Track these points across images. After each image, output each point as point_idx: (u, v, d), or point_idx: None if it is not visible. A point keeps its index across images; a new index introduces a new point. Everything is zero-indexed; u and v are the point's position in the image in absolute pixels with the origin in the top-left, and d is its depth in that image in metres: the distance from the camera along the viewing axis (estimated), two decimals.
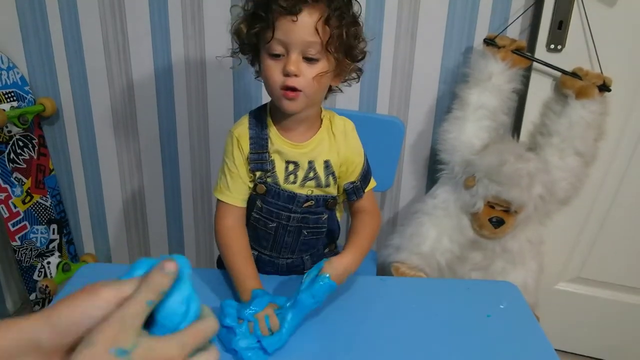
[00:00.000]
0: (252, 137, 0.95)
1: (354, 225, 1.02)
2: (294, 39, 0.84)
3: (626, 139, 1.49)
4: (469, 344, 0.84)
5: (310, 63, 0.86)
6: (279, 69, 0.86)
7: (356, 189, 1.01)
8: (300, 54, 0.85)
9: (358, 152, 1.01)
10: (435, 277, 1.50)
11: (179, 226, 1.88)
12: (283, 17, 0.83)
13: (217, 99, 1.68)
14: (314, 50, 0.85)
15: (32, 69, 1.68)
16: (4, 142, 1.62)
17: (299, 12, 0.82)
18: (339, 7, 0.85)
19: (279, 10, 0.82)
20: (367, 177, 1.03)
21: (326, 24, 0.84)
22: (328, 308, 0.91)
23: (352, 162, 0.99)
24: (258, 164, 0.96)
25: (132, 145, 1.77)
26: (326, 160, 0.97)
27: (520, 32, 1.52)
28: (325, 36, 0.84)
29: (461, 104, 1.49)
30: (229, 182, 0.97)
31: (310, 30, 0.83)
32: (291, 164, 0.96)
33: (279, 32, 0.83)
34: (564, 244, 1.63)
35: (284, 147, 0.95)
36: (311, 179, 0.97)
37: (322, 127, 0.97)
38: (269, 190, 0.97)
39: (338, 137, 0.97)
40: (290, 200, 0.97)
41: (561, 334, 1.70)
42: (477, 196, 1.43)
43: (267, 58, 0.87)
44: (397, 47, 1.58)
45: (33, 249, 1.71)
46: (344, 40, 0.87)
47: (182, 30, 1.60)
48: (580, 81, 1.41)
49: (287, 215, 0.99)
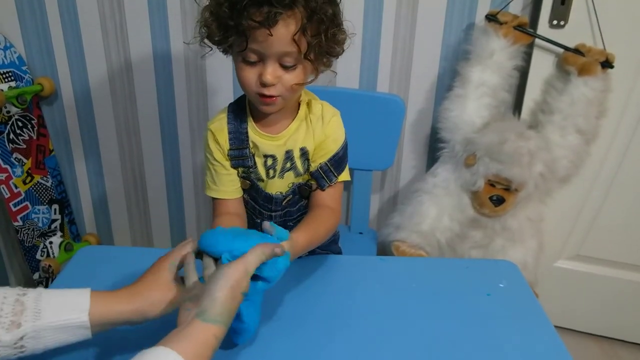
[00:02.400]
0: (230, 132, 0.92)
1: (312, 215, 0.92)
2: (269, 50, 0.78)
3: (628, 116, 1.48)
4: (468, 323, 0.85)
5: (288, 70, 0.81)
6: (255, 74, 0.81)
7: (325, 172, 0.93)
8: (276, 62, 0.80)
9: (333, 138, 0.93)
10: (436, 255, 1.51)
11: (179, 204, 1.89)
12: (256, 29, 0.76)
13: (216, 75, 1.66)
14: (291, 58, 0.80)
15: (29, 49, 1.67)
16: (3, 122, 1.61)
17: (274, 26, 0.75)
18: (316, 11, 0.78)
19: (252, 24, 0.75)
20: (340, 164, 0.94)
21: (303, 34, 0.77)
22: (327, 288, 0.91)
23: (325, 146, 0.92)
24: (239, 160, 0.93)
25: (131, 124, 1.76)
26: (302, 148, 0.92)
27: (523, 8, 1.50)
28: (303, 45, 0.79)
29: (462, 81, 1.47)
30: (214, 176, 0.94)
31: (286, 41, 0.77)
32: (269, 158, 0.92)
33: (252, 44, 0.77)
34: (564, 222, 1.63)
35: (260, 141, 0.91)
36: (289, 169, 0.93)
37: (297, 115, 0.92)
38: (252, 186, 0.95)
39: (314, 123, 0.92)
40: (268, 201, 0.96)
41: (561, 311, 1.71)
42: (477, 174, 1.43)
43: (240, 62, 0.82)
44: (398, 23, 1.56)
45: (35, 229, 1.72)
46: (323, 45, 0.81)
47: (179, 6, 1.58)
48: (583, 58, 1.39)
49: (269, 215, 0.98)
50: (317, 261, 1.01)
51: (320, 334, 0.82)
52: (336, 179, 0.94)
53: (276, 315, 0.86)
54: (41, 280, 1.73)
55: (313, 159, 0.94)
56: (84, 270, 0.97)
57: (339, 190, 0.96)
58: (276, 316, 0.85)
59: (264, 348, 0.79)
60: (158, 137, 1.77)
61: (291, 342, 0.80)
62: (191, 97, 1.70)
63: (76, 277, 0.95)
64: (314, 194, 0.95)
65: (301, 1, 0.76)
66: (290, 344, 0.80)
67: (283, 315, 0.85)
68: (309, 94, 0.95)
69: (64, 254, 1.79)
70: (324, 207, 0.94)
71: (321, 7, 0.78)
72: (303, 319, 0.85)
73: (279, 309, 0.87)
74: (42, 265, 1.71)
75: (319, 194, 0.95)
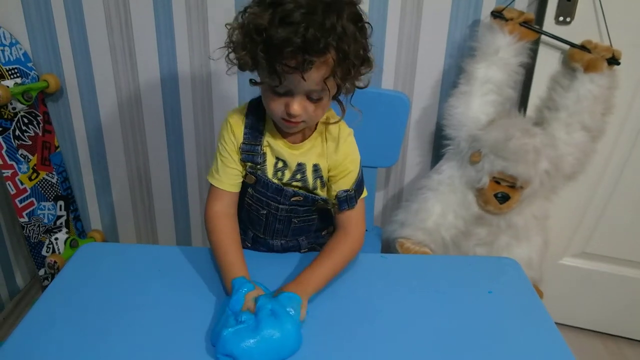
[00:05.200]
0: (247, 127, 0.94)
1: (333, 242, 0.97)
2: (299, 89, 0.82)
3: (634, 113, 1.47)
4: (470, 321, 0.85)
5: (314, 102, 0.84)
6: (282, 104, 0.84)
7: (349, 198, 0.96)
8: (304, 95, 0.83)
9: (351, 159, 0.96)
10: (440, 252, 1.51)
11: (184, 201, 1.89)
12: (290, 73, 0.78)
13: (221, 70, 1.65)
14: (319, 94, 0.83)
15: (34, 45, 1.67)
16: (9, 119, 1.62)
17: (307, 71, 0.77)
18: (347, 55, 0.79)
19: (286, 69, 0.78)
20: (361, 187, 0.99)
21: (333, 77, 0.81)
22: (330, 285, 0.91)
23: (344, 168, 0.95)
24: (250, 155, 0.95)
25: (136, 120, 1.76)
26: (315, 164, 0.95)
27: (529, 5, 1.49)
28: (332, 86, 0.83)
29: (467, 78, 1.47)
30: (220, 167, 0.96)
31: (317, 82, 0.80)
32: (280, 161, 0.95)
33: (284, 81, 0.80)
34: (569, 219, 1.63)
35: (275, 143, 0.94)
36: (298, 180, 0.96)
37: (315, 131, 0.95)
38: (258, 181, 0.97)
39: (329, 143, 0.95)
40: (278, 192, 0.97)
41: (566, 308, 1.71)
42: (482, 172, 1.43)
43: (269, 92, 0.85)
44: (403, 20, 1.55)
45: (41, 225, 1.72)
46: (349, 82, 0.85)
47: (184, 2, 1.58)
48: (589, 54, 1.38)
49: (275, 206, 0.98)
50: None
51: (323, 331, 0.82)
52: (356, 203, 0.97)
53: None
54: (47, 277, 1.74)
55: (332, 179, 0.97)
56: (85, 268, 0.97)
57: (361, 209, 0.99)
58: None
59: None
60: (163, 133, 1.78)
61: None
62: (196, 92, 1.70)
63: (78, 274, 0.95)
64: (337, 212, 0.98)
65: (333, 44, 0.77)
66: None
67: None
68: (328, 112, 0.96)
69: (69, 250, 1.79)
70: (343, 230, 0.98)
71: (352, 49, 0.80)
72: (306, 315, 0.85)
73: None
74: (47, 261, 1.72)
75: (344, 216, 0.98)
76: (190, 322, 0.83)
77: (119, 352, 0.77)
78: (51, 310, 0.86)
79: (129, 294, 0.89)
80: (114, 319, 0.83)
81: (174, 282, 0.93)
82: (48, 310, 0.86)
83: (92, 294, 0.89)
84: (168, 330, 0.81)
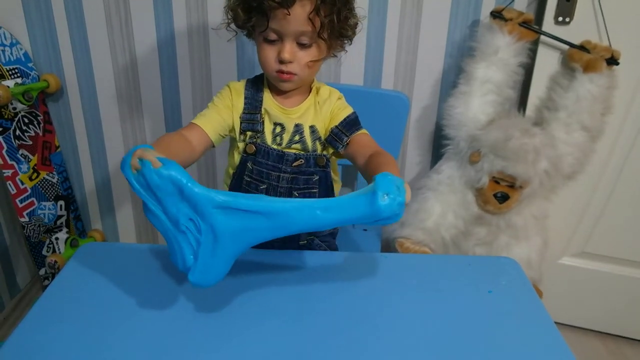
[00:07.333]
0: (247, 98, 1.00)
1: (374, 156, 0.91)
2: (287, 29, 0.88)
3: (633, 113, 1.47)
4: (469, 320, 0.85)
5: (304, 48, 0.91)
6: (274, 53, 0.91)
7: (336, 135, 0.98)
8: (293, 41, 0.90)
9: (342, 109, 1.00)
10: (440, 252, 1.51)
11: None
12: (276, 9, 0.86)
13: (220, 70, 1.67)
14: (307, 37, 0.89)
15: (35, 45, 1.67)
16: (10, 119, 1.62)
17: (291, 6, 0.85)
18: None
19: (272, 4, 0.85)
20: (351, 126, 0.99)
21: (317, 14, 0.87)
22: (330, 284, 0.92)
23: (338, 111, 1.00)
24: (250, 124, 0.99)
25: (136, 120, 1.77)
26: (311, 126, 1.00)
27: (528, 5, 1.50)
28: (317, 25, 0.88)
29: (467, 78, 1.47)
30: (207, 111, 1.00)
31: (302, 21, 0.87)
32: (278, 126, 0.99)
33: (273, 23, 0.88)
34: (569, 219, 1.63)
35: (273, 109, 0.99)
36: (297, 142, 1.00)
37: (310, 96, 1.01)
38: (258, 151, 0.99)
39: (321, 104, 1.01)
40: (279, 159, 0.99)
41: (565, 308, 1.71)
42: (482, 171, 1.43)
43: (262, 41, 0.92)
44: (403, 20, 1.55)
45: (41, 225, 1.73)
46: (335, 26, 0.91)
47: (184, 1, 1.58)
48: (588, 54, 1.38)
49: (277, 175, 1.00)
50: (320, 257, 1.01)
51: (322, 330, 0.82)
52: (348, 139, 0.98)
53: (277, 311, 0.86)
54: (47, 276, 1.75)
55: (332, 124, 1.00)
56: (86, 267, 0.97)
57: (369, 137, 1.00)
58: (277, 312, 0.85)
59: (264, 344, 0.79)
60: (163, 133, 1.77)
61: (292, 338, 0.80)
62: (196, 92, 1.71)
63: (78, 273, 0.95)
64: (354, 154, 0.96)
65: None
66: (292, 340, 0.80)
67: (284, 311, 0.86)
68: (319, 83, 1.04)
69: (70, 249, 1.80)
70: (370, 150, 0.94)
71: None
72: (305, 315, 0.85)
73: (280, 304, 0.87)
74: (48, 261, 1.73)
75: (360, 143, 0.97)
76: (190, 322, 0.83)
77: (119, 351, 0.77)
78: (52, 310, 0.86)
79: (130, 294, 0.89)
80: (115, 318, 0.83)
81: (174, 282, 0.93)
82: (48, 310, 0.86)
83: (92, 293, 0.89)
84: (168, 330, 0.81)
